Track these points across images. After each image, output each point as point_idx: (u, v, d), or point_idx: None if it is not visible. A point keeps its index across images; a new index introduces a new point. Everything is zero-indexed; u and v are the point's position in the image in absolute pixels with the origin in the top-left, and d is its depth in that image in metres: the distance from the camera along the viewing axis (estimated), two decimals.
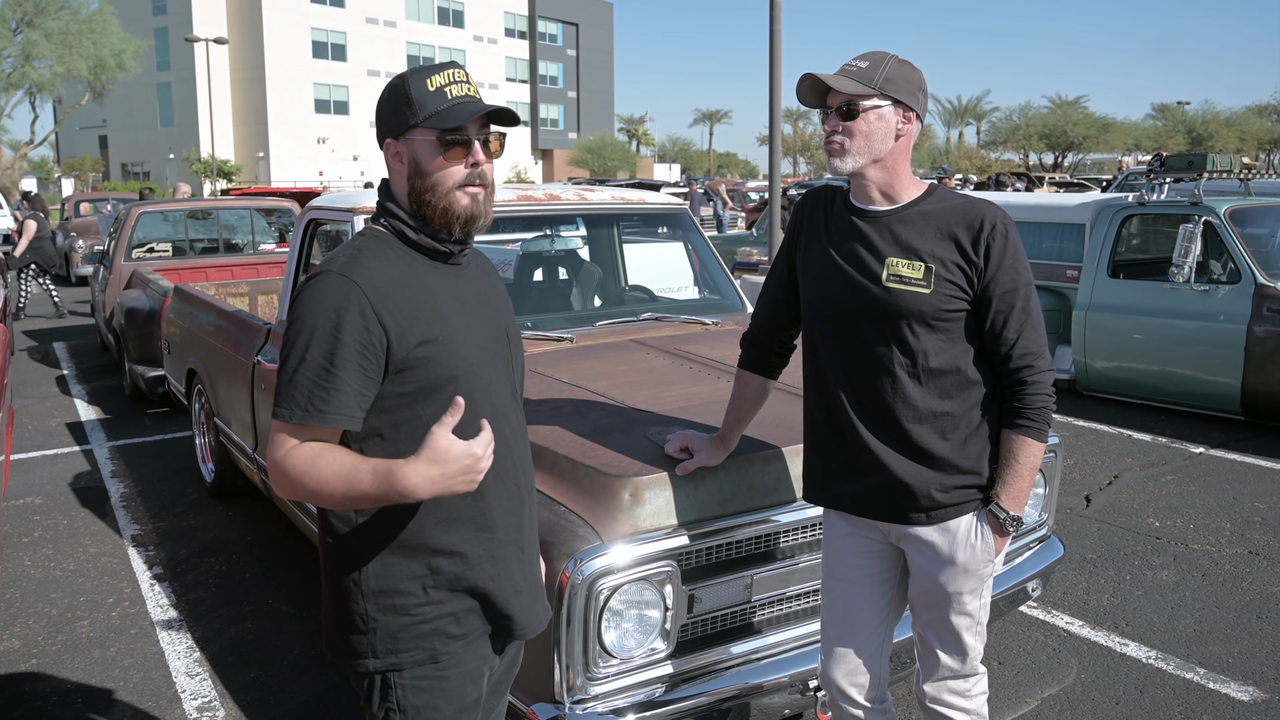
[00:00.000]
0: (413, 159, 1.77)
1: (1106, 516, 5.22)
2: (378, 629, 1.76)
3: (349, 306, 1.67)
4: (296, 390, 1.67)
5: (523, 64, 71.19)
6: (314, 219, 4.33)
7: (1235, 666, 3.64)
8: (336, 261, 1.73)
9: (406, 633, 1.77)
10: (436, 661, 1.79)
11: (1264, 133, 55.35)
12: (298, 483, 1.66)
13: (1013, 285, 2.14)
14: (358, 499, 1.64)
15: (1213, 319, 6.74)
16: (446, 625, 1.79)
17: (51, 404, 8.22)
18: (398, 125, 1.77)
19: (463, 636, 1.81)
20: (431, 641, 1.78)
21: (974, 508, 2.22)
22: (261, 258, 9.64)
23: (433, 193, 1.77)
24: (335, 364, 1.66)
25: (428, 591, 1.77)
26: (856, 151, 2.16)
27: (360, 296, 1.68)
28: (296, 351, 1.68)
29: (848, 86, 2.13)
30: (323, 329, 1.67)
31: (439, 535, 1.77)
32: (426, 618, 1.77)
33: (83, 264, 15.91)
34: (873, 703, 2.40)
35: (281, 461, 1.67)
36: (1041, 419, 2.17)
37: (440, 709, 1.80)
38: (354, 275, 1.70)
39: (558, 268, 4.69)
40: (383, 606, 1.76)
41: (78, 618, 4.16)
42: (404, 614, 1.76)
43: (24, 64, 36.42)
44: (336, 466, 1.64)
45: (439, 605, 1.78)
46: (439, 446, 1.59)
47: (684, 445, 2.59)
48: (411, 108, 1.75)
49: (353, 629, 1.78)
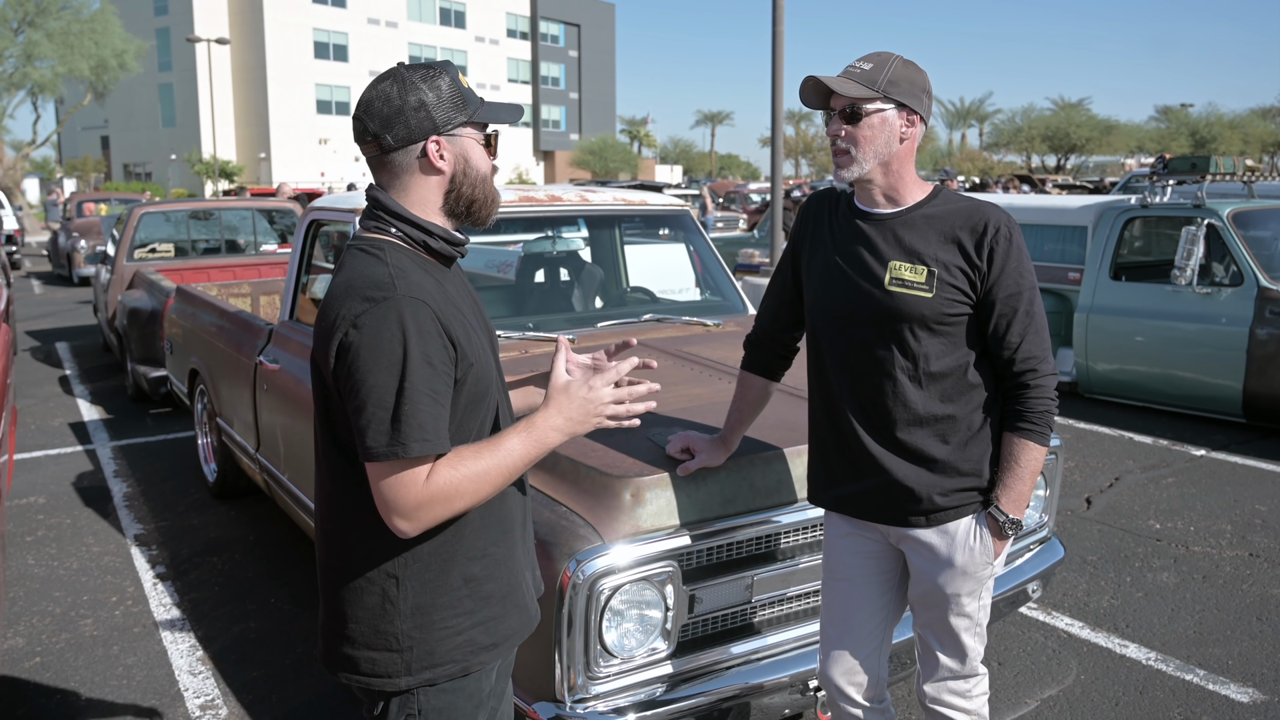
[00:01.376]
0: (461, 155, 1.75)
1: (1107, 518, 5.23)
2: (414, 646, 1.72)
3: (429, 329, 1.61)
4: (405, 423, 1.57)
5: (524, 65, 71.20)
6: (316, 220, 4.34)
7: (1235, 668, 3.64)
8: (394, 283, 1.63)
9: (442, 646, 1.73)
10: (468, 674, 1.77)
11: (1267, 135, 55.26)
12: (455, 496, 1.62)
13: (1016, 289, 2.13)
14: (512, 472, 1.67)
15: (1215, 321, 6.74)
16: (478, 635, 1.77)
17: (54, 404, 8.24)
18: (449, 121, 1.72)
19: (492, 646, 1.79)
20: (465, 653, 1.75)
21: (973, 510, 2.23)
22: (263, 258, 9.65)
23: (482, 186, 1.78)
24: (435, 389, 1.61)
25: (462, 602, 1.75)
26: (861, 157, 2.15)
27: (434, 318, 1.62)
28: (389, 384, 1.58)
29: (851, 90, 2.12)
30: (415, 356, 1.59)
31: (471, 542, 1.75)
32: (460, 629, 1.75)
33: (85, 264, 15.94)
34: (871, 702, 2.41)
35: (429, 492, 1.60)
36: (1044, 423, 2.16)
37: (459, 707, 1.79)
38: (422, 296, 1.63)
39: (559, 269, 4.70)
40: (420, 624, 1.72)
41: (81, 616, 4.17)
42: (441, 628, 1.73)
43: (26, 64, 36.45)
44: (482, 454, 1.64)
45: (470, 615, 1.76)
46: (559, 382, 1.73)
47: (685, 446, 2.59)
48: (465, 104, 1.73)
49: (384, 648, 1.72)
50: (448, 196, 1.76)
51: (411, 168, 1.73)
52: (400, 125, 1.69)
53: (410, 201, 1.75)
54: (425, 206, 1.76)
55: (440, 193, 1.75)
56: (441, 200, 1.76)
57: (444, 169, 1.73)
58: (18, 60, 36.49)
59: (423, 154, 1.72)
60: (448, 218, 1.78)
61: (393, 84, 1.71)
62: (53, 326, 12.74)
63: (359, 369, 1.59)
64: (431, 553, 1.72)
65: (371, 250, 1.71)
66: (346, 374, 1.61)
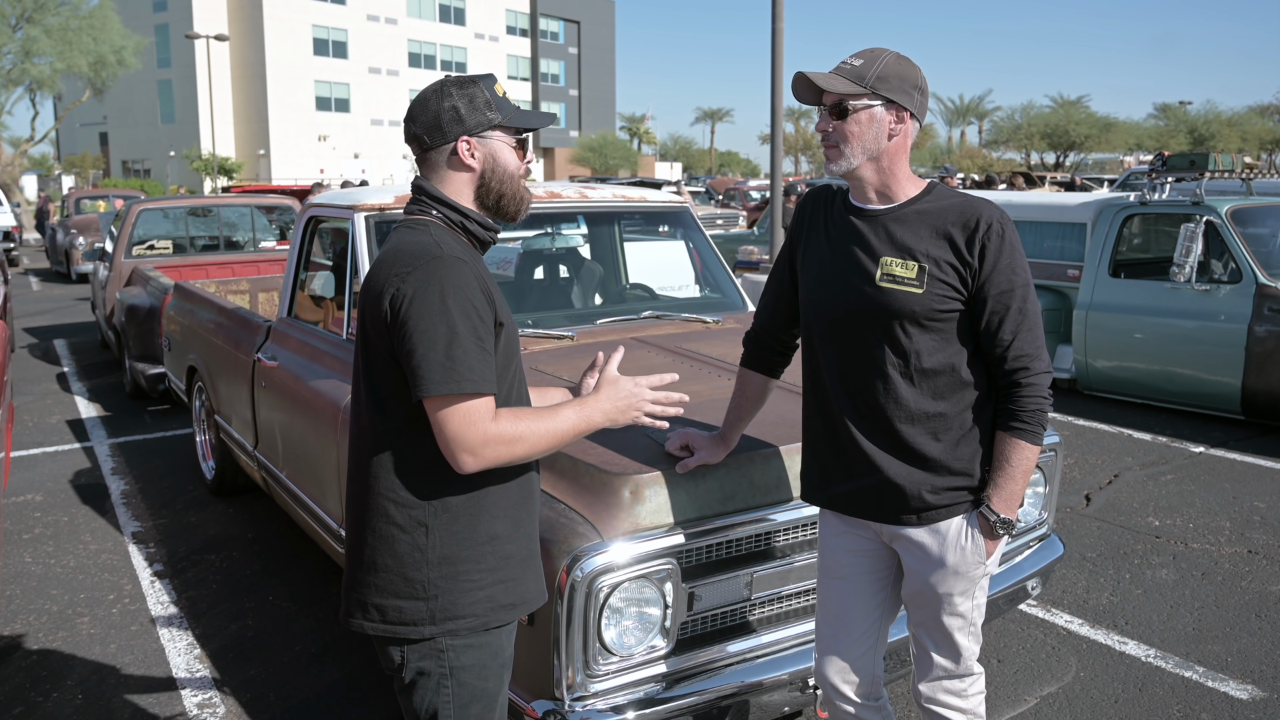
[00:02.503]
0: (490, 155, 1.96)
1: (1106, 515, 5.23)
2: (440, 595, 1.85)
3: (473, 285, 1.81)
4: (457, 364, 1.75)
5: (524, 62, 71.16)
6: (314, 216, 4.33)
7: (1234, 665, 3.64)
8: (441, 247, 1.83)
9: (465, 599, 1.86)
10: (488, 629, 1.89)
11: (1266, 133, 55.21)
12: (516, 441, 1.80)
13: (1008, 286, 2.12)
14: (560, 442, 1.87)
15: (1213, 319, 6.74)
16: (498, 593, 1.90)
17: (52, 401, 8.23)
18: (479, 124, 1.94)
19: (510, 606, 1.92)
20: (485, 608, 1.88)
21: (965, 510, 2.21)
22: (262, 255, 9.64)
23: (512, 184, 2.00)
24: (481, 337, 1.80)
25: (486, 558, 1.88)
26: (849, 152, 2.15)
27: (478, 276, 1.83)
28: (443, 330, 1.75)
29: (839, 86, 2.12)
30: (462, 307, 1.77)
31: (497, 500, 1.90)
32: (482, 584, 1.88)
33: (83, 261, 15.92)
34: (866, 700, 2.40)
35: (498, 432, 1.78)
36: (1036, 421, 2.14)
37: (487, 664, 1.92)
38: (465, 257, 1.84)
39: (558, 266, 4.69)
40: (446, 574, 1.85)
41: (78, 614, 4.17)
42: (464, 580, 1.86)
43: (24, 60, 36.35)
44: (544, 419, 1.85)
45: (492, 572, 1.89)
46: (610, 375, 1.97)
47: (684, 443, 2.59)
48: (494, 109, 1.96)
49: (411, 595, 1.85)
50: (479, 190, 1.98)
51: (447, 164, 1.97)
52: (436, 128, 1.94)
53: (450, 191, 1.98)
54: (461, 198, 1.98)
55: (472, 187, 1.98)
56: (473, 193, 1.98)
57: (474, 166, 1.96)
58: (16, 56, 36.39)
59: (454, 152, 1.95)
60: (481, 208, 2.00)
61: (434, 93, 1.96)
62: (51, 323, 12.73)
63: (412, 318, 1.77)
64: (461, 505, 1.86)
65: (415, 226, 1.93)
66: (400, 325, 1.78)
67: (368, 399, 1.90)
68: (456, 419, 1.76)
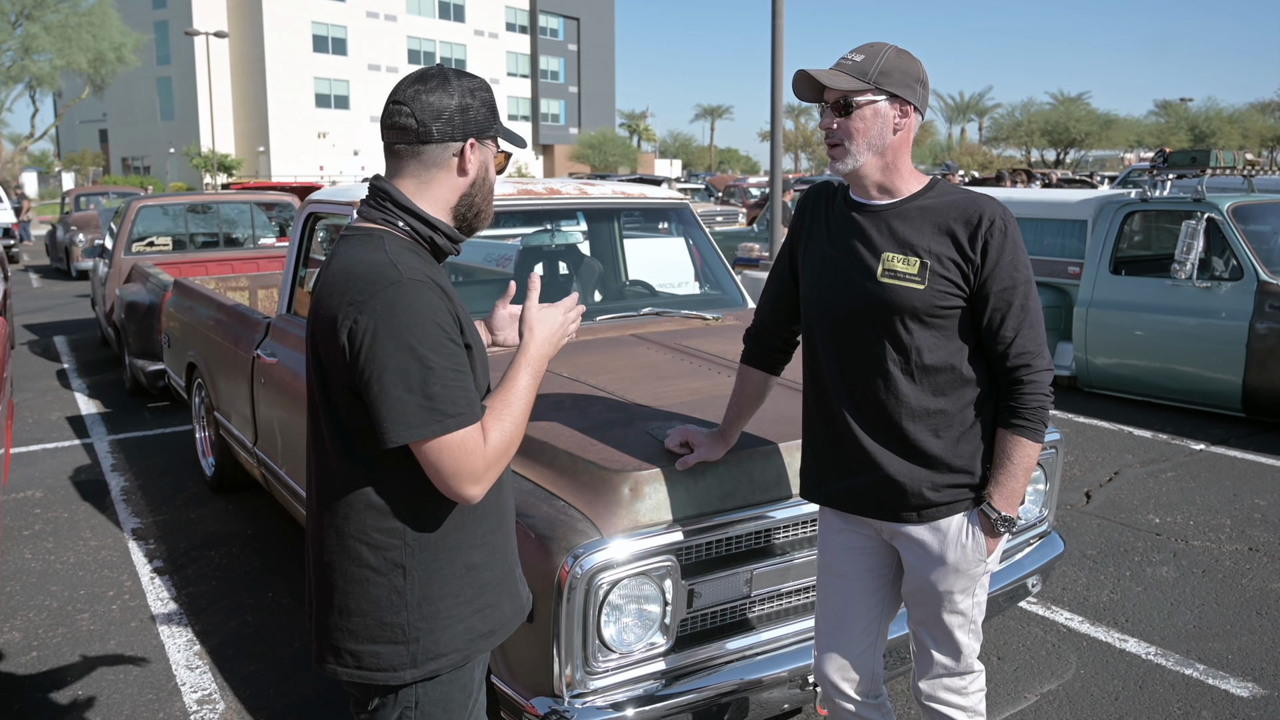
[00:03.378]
0: (484, 164, 1.82)
1: (1107, 513, 5.22)
2: (420, 638, 1.73)
3: (440, 308, 1.65)
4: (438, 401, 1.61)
5: (524, 59, 71.10)
6: (313, 213, 4.33)
7: (1235, 663, 3.64)
8: (398, 269, 1.65)
9: (445, 635, 1.75)
10: (468, 663, 1.80)
11: (1267, 129, 55.21)
12: (511, 447, 1.72)
13: (1010, 283, 2.11)
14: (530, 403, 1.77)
15: (1214, 316, 6.73)
16: (477, 622, 1.79)
17: (52, 398, 8.22)
18: (485, 128, 1.80)
19: (489, 633, 1.82)
20: (465, 641, 1.77)
21: (965, 507, 2.20)
22: (261, 252, 9.62)
23: (488, 199, 1.86)
24: (459, 364, 1.66)
25: (463, 590, 1.77)
26: (854, 150, 2.13)
27: (444, 297, 1.68)
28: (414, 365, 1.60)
29: (841, 82, 2.10)
30: (434, 334, 1.62)
31: (473, 529, 1.78)
32: (461, 617, 1.76)
33: (83, 258, 15.91)
34: (866, 697, 2.40)
35: (495, 452, 1.68)
36: (1037, 419, 2.14)
37: (453, 698, 1.81)
38: (425, 275, 1.68)
39: (558, 262, 4.69)
40: (426, 614, 1.73)
41: (78, 611, 4.16)
42: (445, 617, 1.75)
43: (23, 57, 36.36)
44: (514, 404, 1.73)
45: (470, 603, 1.78)
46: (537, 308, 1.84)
47: (684, 440, 2.58)
48: (493, 119, 1.82)
49: (389, 640, 1.72)
50: (463, 199, 1.82)
51: (444, 164, 1.78)
52: (447, 120, 1.75)
53: (427, 197, 1.79)
54: (439, 205, 1.80)
55: (458, 194, 1.81)
56: (456, 200, 1.81)
57: (469, 172, 1.80)
58: (15, 53, 36.39)
59: (458, 154, 1.78)
60: (453, 219, 1.84)
61: (454, 79, 1.77)
62: (50, 320, 12.73)
63: (378, 356, 1.60)
64: (438, 541, 1.74)
65: (367, 239, 1.74)
66: (364, 363, 1.61)
67: (331, 436, 1.72)
68: (452, 456, 1.63)
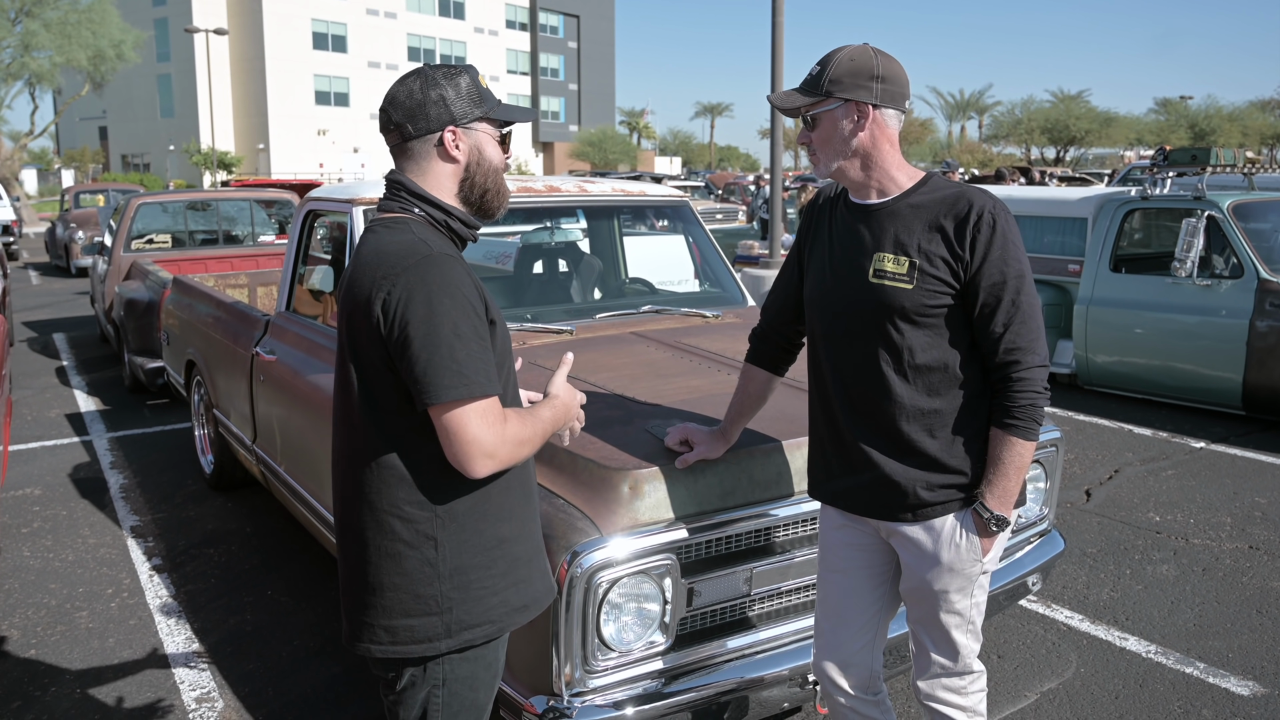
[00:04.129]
0: (475, 147, 1.89)
1: (1107, 511, 5.22)
2: (454, 608, 1.79)
3: (468, 283, 1.75)
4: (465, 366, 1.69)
5: (524, 56, 71.04)
6: (312, 210, 4.32)
7: (1235, 661, 3.63)
8: (429, 244, 1.76)
9: (479, 606, 1.81)
10: (502, 634, 1.86)
11: (1267, 128, 55.16)
12: (524, 446, 1.78)
13: (1000, 278, 2.08)
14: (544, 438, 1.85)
15: (1215, 314, 6.72)
16: (512, 596, 1.85)
17: (51, 395, 8.22)
18: (466, 114, 1.86)
19: (523, 608, 1.88)
20: (500, 613, 1.84)
21: (958, 507, 2.20)
22: (261, 249, 9.62)
23: (495, 178, 1.92)
24: (482, 335, 1.74)
25: (496, 562, 1.83)
26: (824, 158, 2.18)
27: (466, 271, 1.77)
28: (446, 331, 1.69)
29: (794, 100, 2.17)
30: (461, 306, 1.71)
31: (500, 502, 1.84)
32: (496, 589, 1.83)
33: (82, 255, 15.89)
34: (865, 695, 2.40)
35: (511, 435, 1.74)
36: (1028, 417, 2.10)
37: (479, 676, 1.87)
38: (455, 254, 1.78)
39: (558, 260, 4.68)
40: (459, 584, 1.79)
41: (77, 608, 4.16)
42: (478, 588, 1.81)
43: (23, 54, 36.30)
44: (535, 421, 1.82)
45: (504, 575, 1.84)
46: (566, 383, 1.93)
47: (684, 438, 2.58)
48: (481, 101, 1.89)
49: (424, 612, 1.78)
50: (463, 184, 1.90)
51: (430, 155, 1.87)
52: (421, 116, 1.85)
53: (429, 187, 1.88)
54: (443, 193, 1.89)
55: (456, 180, 1.89)
56: (457, 187, 1.90)
57: (459, 158, 1.88)
58: (15, 50, 36.33)
59: (440, 143, 1.86)
60: (462, 204, 1.92)
61: (417, 80, 1.86)
62: (50, 317, 12.72)
63: (410, 322, 1.69)
64: (466, 512, 1.80)
65: (393, 225, 1.83)
66: (397, 331, 1.70)
67: (363, 413, 1.80)
68: (473, 423, 1.69)
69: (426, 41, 63.36)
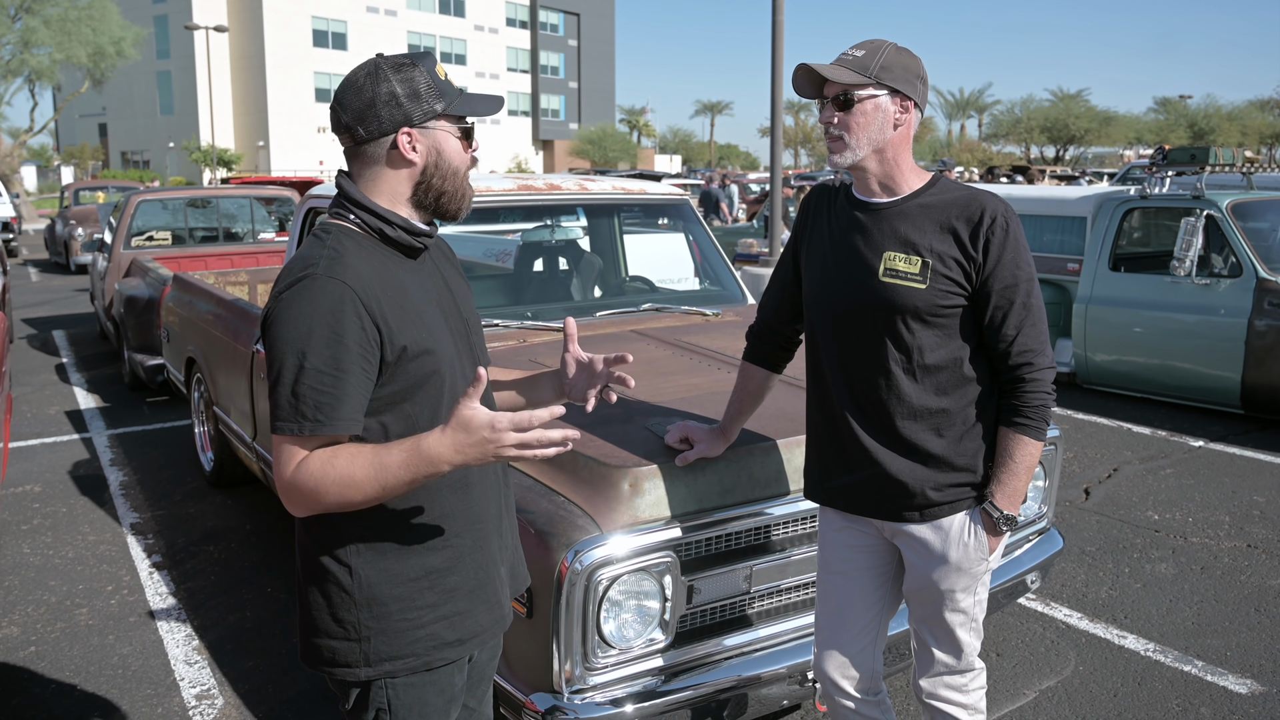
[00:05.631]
0: (433, 148, 1.73)
1: (1106, 509, 5.22)
2: (372, 637, 1.71)
3: (345, 309, 1.59)
4: (302, 401, 1.57)
5: (524, 54, 71.00)
6: (314, 208, 4.32)
7: (1233, 659, 3.64)
8: (319, 264, 1.63)
9: (402, 638, 1.72)
10: (431, 669, 1.76)
11: (1266, 127, 55.20)
12: (318, 493, 1.57)
13: (1012, 280, 2.10)
14: (389, 487, 1.57)
15: (1214, 313, 6.73)
16: (441, 630, 1.75)
17: (50, 392, 8.22)
18: (420, 113, 1.70)
19: (457, 642, 1.77)
20: (426, 647, 1.74)
21: (967, 506, 2.20)
22: (261, 246, 9.62)
23: (454, 180, 1.76)
24: (341, 367, 1.58)
25: (423, 594, 1.73)
26: (854, 144, 2.12)
27: (354, 298, 1.60)
28: (292, 360, 1.58)
29: (843, 76, 2.10)
30: (320, 334, 1.58)
31: (430, 533, 1.73)
32: (421, 622, 1.73)
33: (82, 252, 15.90)
34: (865, 694, 2.40)
35: (294, 478, 1.58)
36: (1039, 417, 2.13)
37: (430, 702, 1.78)
38: (343, 277, 1.61)
39: (558, 258, 4.68)
40: (376, 615, 1.70)
41: (76, 605, 4.16)
42: (399, 619, 1.71)
43: (23, 51, 36.24)
44: (360, 460, 1.57)
45: (433, 608, 1.74)
46: (463, 415, 1.54)
47: (684, 436, 2.58)
48: (439, 95, 1.72)
49: (343, 637, 1.72)
50: (417, 188, 1.75)
51: (382, 159, 1.72)
52: (372, 118, 1.69)
53: (379, 192, 1.74)
54: (394, 198, 1.75)
55: (410, 184, 1.74)
56: (411, 191, 1.75)
57: (415, 161, 1.72)
58: (15, 47, 36.27)
59: (394, 146, 1.71)
60: (415, 209, 1.77)
61: (367, 76, 1.70)
62: (49, 314, 12.72)
63: (271, 344, 1.61)
64: (388, 542, 1.71)
65: (320, 234, 1.72)
66: (267, 349, 1.63)
67: None
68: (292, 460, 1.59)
69: (426, 39, 63.31)
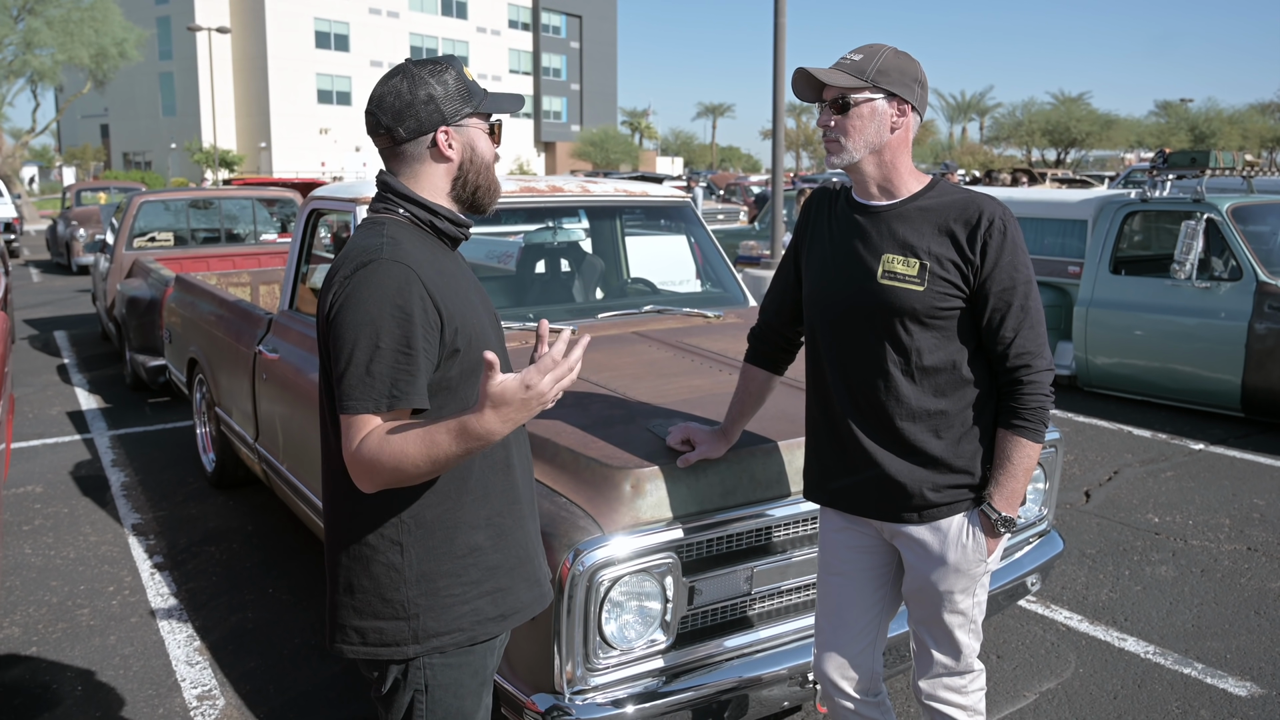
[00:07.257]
0: (468, 144, 1.85)
1: (1106, 512, 5.23)
2: (421, 614, 1.77)
3: (411, 290, 1.68)
4: (378, 379, 1.65)
5: (526, 56, 71.05)
6: (316, 209, 4.33)
7: (1233, 662, 3.64)
8: (382, 249, 1.72)
9: (448, 614, 1.78)
10: (474, 644, 1.83)
11: (1266, 130, 55.13)
12: (378, 465, 1.64)
13: (1010, 283, 2.11)
14: (440, 461, 1.63)
15: (1214, 316, 6.74)
16: (485, 605, 1.82)
17: (52, 392, 8.23)
18: (457, 112, 1.82)
19: (500, 617, 1.85)
20: (471, 622, 1.80)
21: (966, 507, 2.21)
22: (263, 248, 9.63)
23: (486, 173, 1.89)
24: (412, 346, 1.67)
25: (468, 570, 1.80)
26: (851, 146, 2.15)
27: (418, 280, 1.70)
28: (366, 340, 1.65)
29: (840, 80, 2.12)
30: (390, 313, 1.66)
31: (475, 510, 1.81)
32: (466, 598, 1.80)
33: (84, 253, 15.91)
34: (865, 695, 2.40)
35: (358, 451, 1.65)
36: (1037, 419, 2.14)
37: (464, 683, 1.85)
38: (406, 260, 1.71)
39: (560, 260, 4.69)
40: (426, 591, 1.77)
41: (78, 606, 4.17)
42: (446, 595, 1.78)
43: (25, 52, 36.27)
44: (411, 436, 1.63)
45: (477, 585, 1.81)
46: (494, 392, 1.57)
47: (685, 437, 2.59)
48: (470, 96, 1.84)
49: (391, 616, 1.77)
50: (455, 183, 1.87)
51: (423, 157, 1.84)
52: (411, 118, 1.80)
53: (420, 188, 1.85)
54: (435, 193, 1.86)
55: (449, 179, 1.86)
56: (450, 186, 1.87)
57: (453, 157, 1.84)
58: (17, 48, 36.31)
59: (433, 144, 1.82)
60: (454, 203, 1.89)
61: (403, 79, 1.81)
62: (51, 315, 12.72)
63: (340, 327, 1.68)
64: (436, 520, 1.78)
65: (372, 225, 1.82)
66: (333, 334, 1.70)
67: (330, 415, 1.78)
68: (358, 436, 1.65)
69: (429, 41, 63.36)
